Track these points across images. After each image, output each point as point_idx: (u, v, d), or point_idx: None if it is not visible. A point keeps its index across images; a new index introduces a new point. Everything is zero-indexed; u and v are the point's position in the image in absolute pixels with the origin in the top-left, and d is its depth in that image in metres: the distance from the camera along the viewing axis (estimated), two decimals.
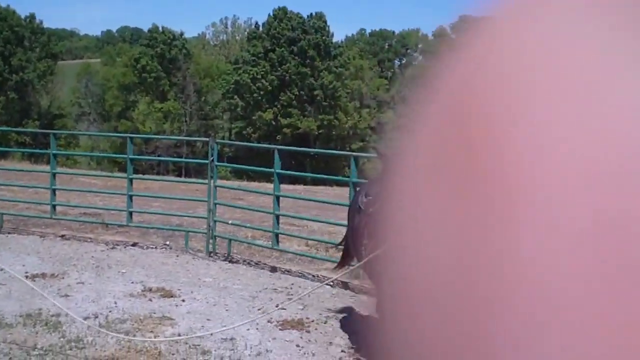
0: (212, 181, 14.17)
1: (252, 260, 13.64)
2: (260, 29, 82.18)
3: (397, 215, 0.38)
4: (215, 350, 9.02)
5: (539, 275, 0.29)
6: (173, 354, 8.91)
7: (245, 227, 15.14)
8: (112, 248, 14.26)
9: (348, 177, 12.82)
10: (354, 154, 13.39)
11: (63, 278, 11.85)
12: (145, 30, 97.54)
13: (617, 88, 0.30)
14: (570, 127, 0.30)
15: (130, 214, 15.23)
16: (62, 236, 14.93)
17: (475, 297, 0.31)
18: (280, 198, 13.67)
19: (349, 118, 79.46)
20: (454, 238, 0.33)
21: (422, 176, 0.36)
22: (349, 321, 10.22)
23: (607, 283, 0.28)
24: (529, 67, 0.32)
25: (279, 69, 77.11)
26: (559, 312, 0.29)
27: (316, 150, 60.85)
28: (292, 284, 12.03)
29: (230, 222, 14.83)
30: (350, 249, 9.61)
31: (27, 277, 11.43)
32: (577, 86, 0.31)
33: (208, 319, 10.20)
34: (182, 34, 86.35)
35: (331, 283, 11.75)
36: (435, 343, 0.33)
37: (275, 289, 11.83)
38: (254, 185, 26.12)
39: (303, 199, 16.91)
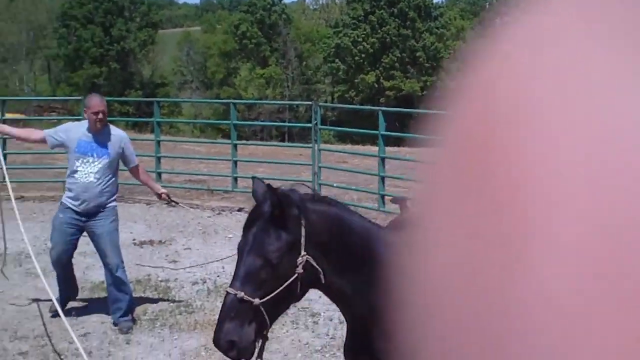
0: (316, 145, 14.05)
1: None
2: None
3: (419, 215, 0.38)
4: (324, 313, 8.92)
5: (551, 282, 0.30)
6: (282, 316, 8.82)
7: (351, 189, 14.98)
8: (218, 214, 14.27)
9: None
10: None
11: (170, 244, 11.91)
12: None
13: (631, 104, 0.30)
14: (584, 139, 0.30)
15: (235, 179, 15.24)
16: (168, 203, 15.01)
17: (489, 304, 0.31)
18: (386, 160, 13.48)
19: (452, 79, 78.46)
20: (466, 242, 0.33)
21: (442, 177, 0.37)
22: None
23: (613, 289, 0.28)
24: (548, 80, 0.33)
25: (379, 31, 76.38)
26: (570, 319, 0.29)
27: (420, 111, 60.43)
28: None
29: (335, 184, 14.72)
30: None
31: (134, 244, 11.52)
32: (591, 97, 0.31)
33: None
34: None
35: None
36: (451, 351, 0.33)
37: None
38: (358, 148, 25.90)
39: (408, 160, 16.70)
